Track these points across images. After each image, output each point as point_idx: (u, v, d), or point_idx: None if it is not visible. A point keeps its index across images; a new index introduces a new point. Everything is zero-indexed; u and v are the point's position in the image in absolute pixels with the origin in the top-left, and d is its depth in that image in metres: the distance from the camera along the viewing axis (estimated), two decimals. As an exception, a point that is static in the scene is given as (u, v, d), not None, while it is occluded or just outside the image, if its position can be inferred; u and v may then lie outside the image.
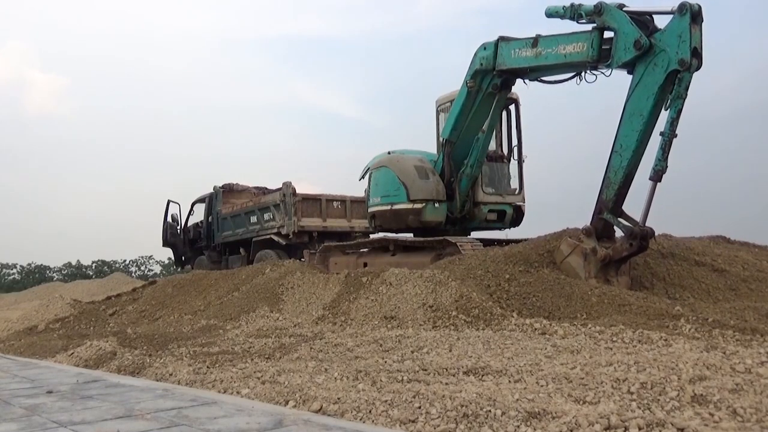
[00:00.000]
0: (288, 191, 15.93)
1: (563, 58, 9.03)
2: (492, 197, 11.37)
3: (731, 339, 5.71)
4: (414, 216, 11.04)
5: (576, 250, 8.37)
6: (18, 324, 13.20)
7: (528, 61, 9.55)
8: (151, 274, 56.37)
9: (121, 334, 9.02)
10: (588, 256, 8.29)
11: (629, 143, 8.30)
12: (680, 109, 7.90)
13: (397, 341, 6.39)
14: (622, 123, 8.40)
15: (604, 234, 8.54)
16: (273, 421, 3.76)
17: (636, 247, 8.20)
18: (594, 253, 8.28)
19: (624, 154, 8.34)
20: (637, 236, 8.15)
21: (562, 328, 6.48)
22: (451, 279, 8.07)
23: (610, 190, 8.45)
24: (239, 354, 6.60)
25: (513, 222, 11.73)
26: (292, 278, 10.40)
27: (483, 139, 10.90)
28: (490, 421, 3.47)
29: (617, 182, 8.39)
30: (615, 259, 8.33)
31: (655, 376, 4.15)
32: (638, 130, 8.21)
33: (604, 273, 8.37)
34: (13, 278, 57.57)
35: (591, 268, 8.25)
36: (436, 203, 11.00)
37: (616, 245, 8.36)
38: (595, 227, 8.49)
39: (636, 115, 8.23)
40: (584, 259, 8.27)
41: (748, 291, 8.33)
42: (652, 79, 8.07)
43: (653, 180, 7.97)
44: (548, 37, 9.26)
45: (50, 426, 3.88)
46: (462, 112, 10.72)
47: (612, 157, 8.48)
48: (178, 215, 20.86)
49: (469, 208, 11.20)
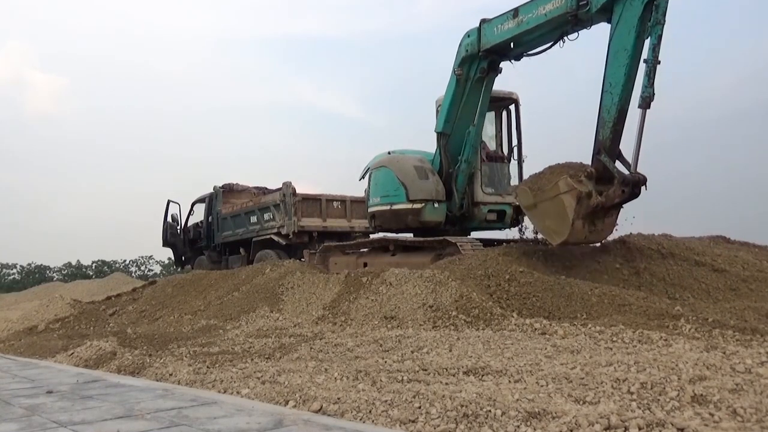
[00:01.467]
0: (288, 191, 15.92)
1: (544, 18, 9.24)
2: (492, 197, 11.38)
3: (731, 339, 5.71)
4: (413, 216, 11.07)
5: (572, 191, 8.38)
6: (18, 324, 13.20)
7: (511, 32, 9.79)
8: (151, 274, 56.39)
9: (121, 334, 9.03)
10: (582, 199, 8.31)
11: (618, 79, 8.42)
12: (660, 35, 8.05)
13: (397, 341, 6.39)
14: (608, 63, 8.56)
15: (605, 175, 8.53)
16: (273, 421, 3.76)
17: (628, 194, 8.32)
18: (589, 197, 8.31)
19: (614, 91, 8.45)
20: (629, 183, 8.27)
21: (562, 328, 6.48)
22: (451, 279, 8.07)
23: (606, 129, 8.52)
24: (239, 354, 6.60)
25: (513, 222, 11.72)
26: (292, 278, 10.40)
27: (474, 132, 10.94)
28: (490, 421, 3.48)
29: (611, 120, 8.46)
30: (607, 206, 8.42)
31: (655, 376, 4.15)
32: (625, 64, 8.35)
33: (593, 216, 8.47)
34: (13, 278, 57.57)
35: (581, 211, 8.32)
36: (435, 203, 11.02)
37: (608, 192, 8.38)
38: (596, 169, 8.53)
39: (621, 51, 8.38)
40: (577, 202, 8.31)
41: (748, 291, 8.33)
42: (630, 13, 8.27)
43: (642, 107, 8.10)
44: (527, 3, 9.53)
45: (50, 426, 3.88)
46: (453, 102, 10.91)
47: (603, 97, 8.59)
48: (178, 215, 20.85)
49: (468, 207, 11.21)
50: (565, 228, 8.39)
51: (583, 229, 8.47)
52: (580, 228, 8.41)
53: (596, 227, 8.53)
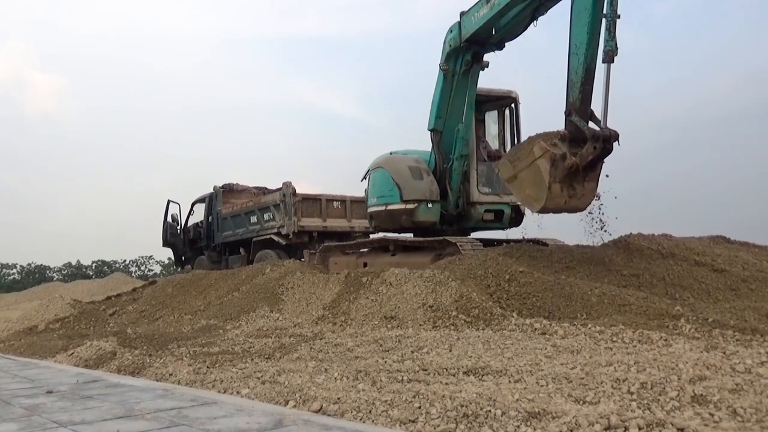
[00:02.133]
0: (288, 191, 15.92)
1: None
2: (488, 197, 11.33)
3: (731, 339, 5.71)
4: (407, 216, 11.14)
5: (546, 154, 8.38)
6: (18, 324, 13.20)
7: (486, 17, 10.01)
8: (151, 274, 56.49)
9: (121, 334, 9.02)
10: (556, 162, 8.33)
11: (581, 39, 8.48)
12: None
13: (397, 341, 6.39)
14: (572, 24, 8.63)
15: (578, 136, 8.53)
16: (273, 421, 3.76)
17: (600, 150, 8.28)
18: (563, 159, 8.32)
19: (579, 51, 8.49)
20: (599, 138, 8.25)
21: (562, 328, 6.48)
22: (451, 279, 8.07)
23: (575, 90, 8.54)
24: (239, 354, 6.60)
25: (512, 222, 11.66)
26: (292, 278, 10.40)
27: (463, 128, 10.98)
28: (490, 421, 3.47)
29: (579, 80, 8.50)
30: (582, 165, 8.37)
31: (655, 376, 4.15)
32: (586, 23, 8.41)
33: (571, 179, 8.46)
34: (13, 278, 57.63)
35: (557, 174, 8.33)
36: (429, 203, 11.09)
37: (581, 151, 8.38)
38: (569, 131, 8.54)
39: (582, 11, 8.46)
40: (551, 165, 8.32)
41: (748, 291, 8.32)
42: None
43: (606, 62, 8.18)
44: None
45: (50, 426, 3.88)
46: (442, 98, 11.09)
47: (570, 59, 8.64)
48: (178, 215, 20.85)
49: (464, 206, 11.21)
50: (542, 193, 8.39)
51: (561, 194, 8.45)
52: (559, 192, 8.40)
53: (576, 192, 8.48)
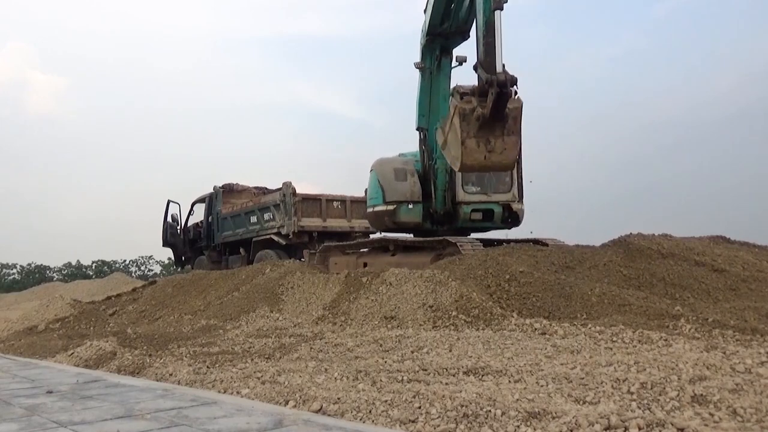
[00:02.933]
0: (288, 191, 15.94)
1: None
2: (475, 196, 11.27)
3: (731, 339, 5.71)
4: (389, 217, 11.33)
5: (455, 111, 8.43)
6: (18, 324, 13.20)
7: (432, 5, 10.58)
8: (151, 274, 56.47)
9: (121, 334, 9.02)
10: (466, 116, 8.36)
11: None
12: None
13: (397, 341, 6.39)
14: None
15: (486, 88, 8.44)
16: (273, 421, 3.76)
17: (496, 95, 8.18)
18: (472, 112, 8.34)
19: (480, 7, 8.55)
20: (493, 83, 8.20)
21: (562, 328, 6.48)
22: (451, 279, 8.07)
23: (479, 45, 8.57)
24: (239, 354, 6.60)
25: (506, 221, 11.46)
26: (292, 278, 10.40)
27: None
28: (490, 421, 3.47)
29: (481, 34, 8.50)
30: (488, 114, 8.30)
31: (655, 376, 4.15)
32: None
33: (486, 134, 8.43)
34: (13, 278, 57.61)
35: (470, 128, 8.36)
36: (410, 204, 11.21)
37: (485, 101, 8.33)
38: (478, 85, 8.52)
39: None
40: (462, 119, 8.35)
41: (748, 291, 8.32)
42: None
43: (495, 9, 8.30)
44: None
45: (50, 426, 3.88)
46: (422, 95, 11.42)
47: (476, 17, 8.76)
48: (178, 215, 20.89)
49: (450, 206, 11.21)
50: (459, 150, 8.42)
51: (479, 149, 8.45)
52: (475, 147, 8.41)
53: (495, 147, 8.42)
